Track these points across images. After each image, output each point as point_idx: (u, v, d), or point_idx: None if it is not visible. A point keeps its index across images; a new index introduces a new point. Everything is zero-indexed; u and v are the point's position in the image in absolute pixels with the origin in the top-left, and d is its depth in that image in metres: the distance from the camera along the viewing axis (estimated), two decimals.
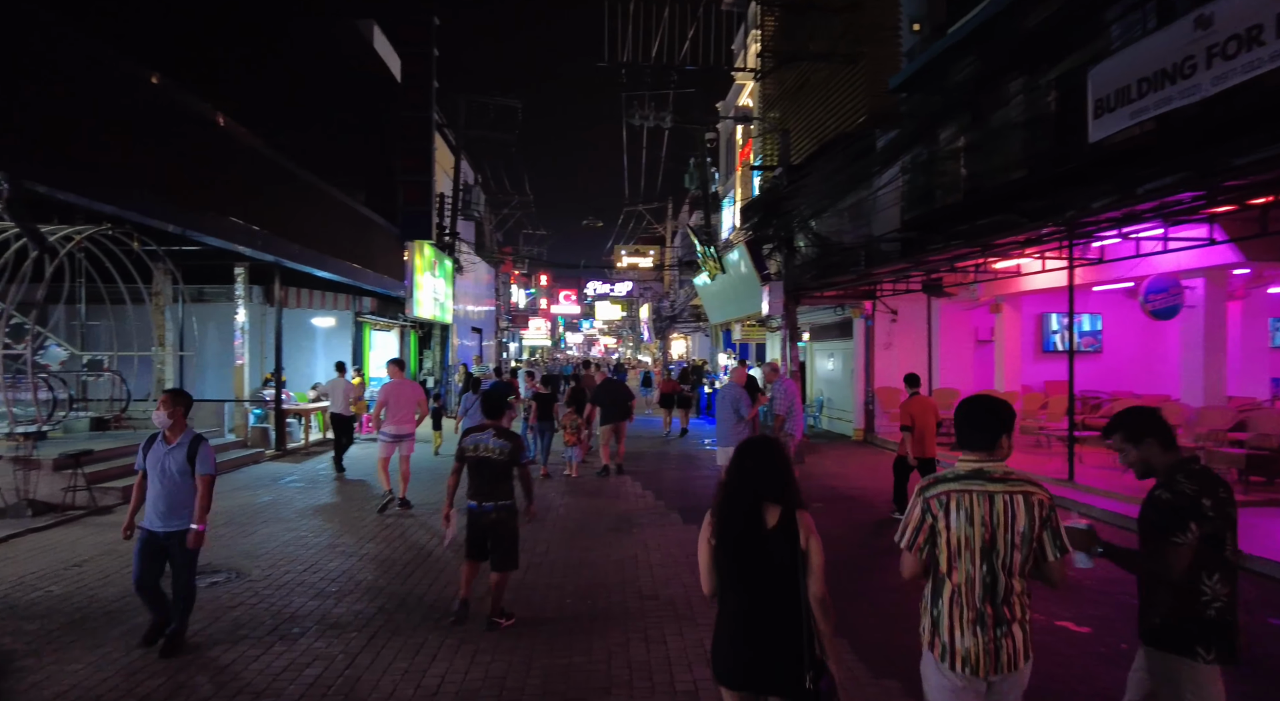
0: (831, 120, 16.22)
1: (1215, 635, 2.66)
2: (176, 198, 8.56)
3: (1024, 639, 2.54)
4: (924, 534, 2.59)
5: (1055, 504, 2.58)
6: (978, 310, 15.06)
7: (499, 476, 5.00)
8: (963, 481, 2.56)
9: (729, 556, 2.68)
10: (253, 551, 6.94)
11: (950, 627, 2.56)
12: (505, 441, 5.02)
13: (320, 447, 14.15)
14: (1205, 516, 2.62)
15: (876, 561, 6.69)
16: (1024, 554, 2.51)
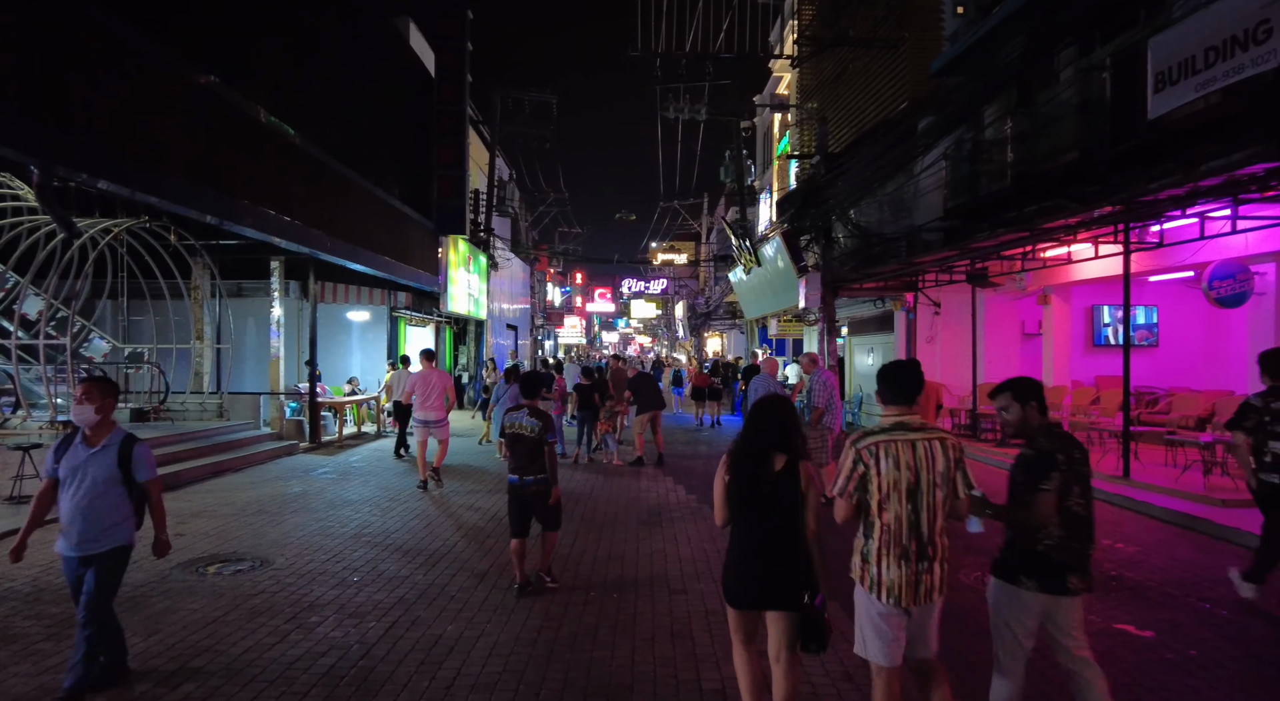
0: (871, 108, 15.76)
1: (1040, 568, 3.08)
2: (213, 188, 8.57)
3: (941, 575, 2.95)
4: (855, 481, 2.96)
5: (964, 451, 3.02)
6: (1025, 302, 14.49)
7: (534, 452, 5.44)
8: (888, 433, 2.95)
9: (741, 494, 3.12)
10: (280, 540, 6.88)
11: (879, 562, 2.93)
12: (537, 420, 5.47)
13: (354, 441, 14.20)
14: (1061, 468, 3.05)
15: None
16: (944, 491, 2.92)
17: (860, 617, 3.05)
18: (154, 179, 7.66)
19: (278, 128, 10.21)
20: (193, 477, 9.77)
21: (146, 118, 7.62)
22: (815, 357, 9.56)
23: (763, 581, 3.08)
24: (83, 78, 6.78)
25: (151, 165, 7.64)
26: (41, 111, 6.38)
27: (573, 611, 5.09)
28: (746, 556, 3.11)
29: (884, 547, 2.93)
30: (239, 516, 7.81)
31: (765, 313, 19.28)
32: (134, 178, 7.39)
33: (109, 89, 7.10)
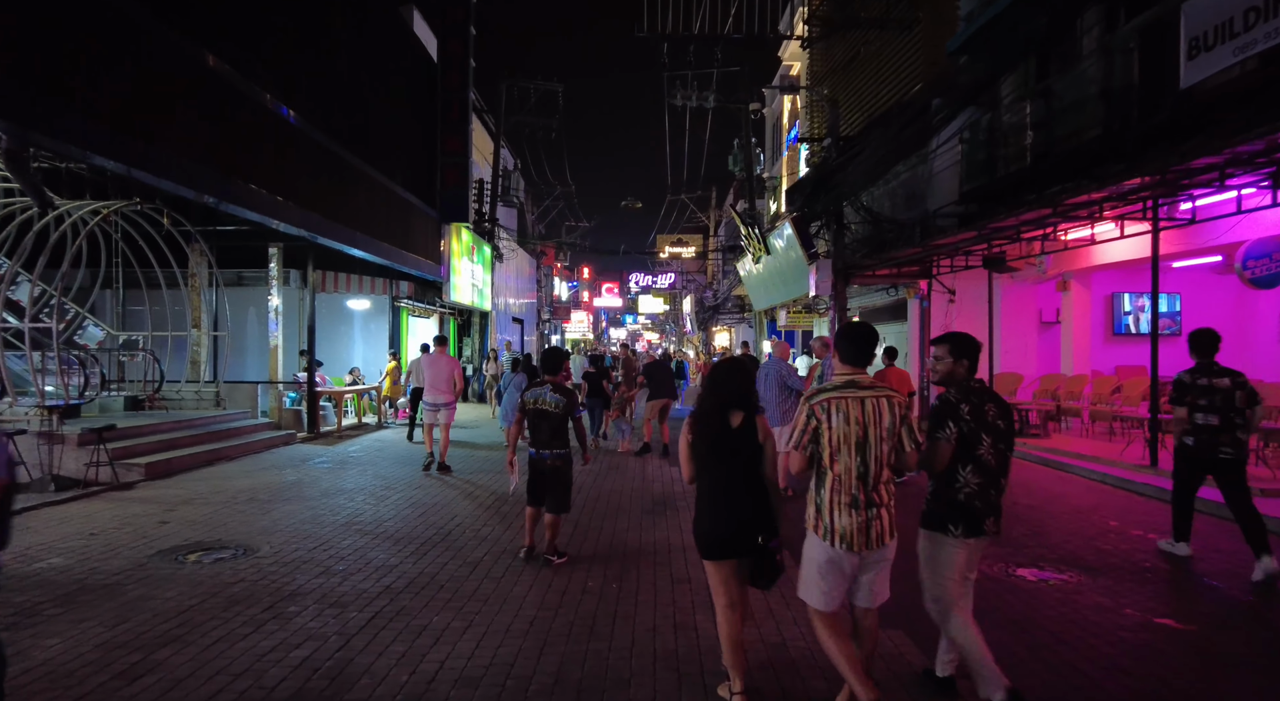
0: (884, 91, 15.35)
1: (962, 515, 3.29)
2: (211, 168, 8.27)
3: (889, 521, 3.10)
4: (809, 435, 3.11)
5: (910, 408, 3.17)
6: (1042, 289, 14.06)
7: (556, 428, 5.52)
8: (840, 390, 3.11)
9: (706, 448, 3.32)
10: (268, 529, 6.59)
11: (830, 510, 3.08)
12: (561, 396, 5.54)
13: (354, 432, 13.93)
14: (962, 419, 3.26)
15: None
16: (890, 445, 3.08)
17: (807, 564, 3.20)
18: (151, 156, 7.36)
19: (277, 110, 9.91)
20: (186, 466, 9.51)
21: (145, 95, 7.33)
22: (829, 341, 9.16)
23: (731, 528, 3.26)
24: (85, 52, 6.52)
25: (149, 142, 7.35)
26: (39, 84, 6.11)
27: (570, 600, 4.77)
28: (717, 506, 3.30)
29: (835, 496, 3.08)
30: (229, 505, 7.53)
31: (775, 303, 18.90)
32: (130, 153, 7.09)
33: (110, 65, 6.84)
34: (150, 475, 8.71)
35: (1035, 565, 5.61)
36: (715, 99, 21.32)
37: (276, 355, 13.36)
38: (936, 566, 3.35)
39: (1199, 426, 5.42)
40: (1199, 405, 5.40)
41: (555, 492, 5.57)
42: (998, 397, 3.42)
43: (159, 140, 7.54)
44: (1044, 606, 4.74)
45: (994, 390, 3.49)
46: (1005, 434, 3.34)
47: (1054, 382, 12.49)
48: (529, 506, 5.71)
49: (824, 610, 3.14)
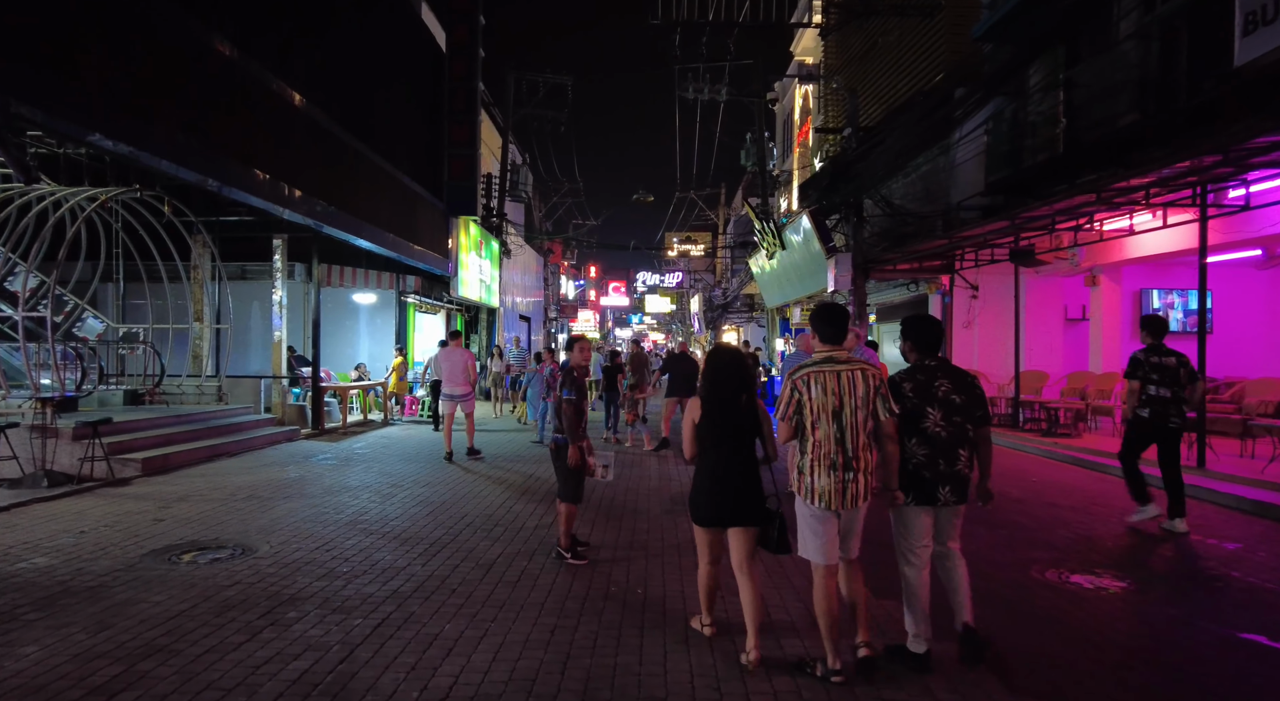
0: (904, 82, 14.94)
1: (913, 483, 3.52)
2: (213, 151, 7.92)
3: (865, 485, 3.37)
4: (793, 406, 3.42)
5: (884, 380, 3.44)
6: (1068, 284, 13.64)
7: (557, 408, 5.45)
8: (818, 365, 3.43)
9: (712, 427, 3.62)
10: (268, 527, 6.23)
11: (812, 472, 3.39)
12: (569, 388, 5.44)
13: (359, 428, 13.58)
14: (906, 396, 3.53)
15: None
16: (865, 413, 3.36)
17: (800, 524, 3.49)
18: (150, 136, 7.02)
19: (283, 93, 9.57)
20: (185, 461, 9.16)
21: (146, 72, 6.99)
22: (858, 332, 8.77)
23: (731, 502, 3.58)
24: (84, 25, 6.18)
25: (148, 121, 7.01)
26: (32, 53, 5.77)
27: (592, 608, 4.38)
28: (717, 481, 3.61)
29: (816, 461, 3.39)
30: (228, 502, 7.18)
31: (789, 299, 18.49)
32: (129, 132, 6.75)
33: (110, 39, 6.50)
34: (147, 471, 8.36)
35: (1089, 571, 5.21)
36: (728, 92, 20.95)
37: (280, 350, 13.01)
38: (899, 528, 3.65)
39: (1153, 398, 6.17)
40: (1151, 379, 6.19)
41: (559, 474, 5.49)
42: (958, 374, 3.62)
43: (159, 120, 7.20)
44: (1112, 619, 4.34)
45: (957, 368, 3.69)
46: (962, 408, 3.53)
47: (1082, 380, 12.06)
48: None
49: (823, 563, 3.43)
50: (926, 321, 3.76)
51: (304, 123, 10.19)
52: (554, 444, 5.52)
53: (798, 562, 4.60)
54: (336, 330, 16.46)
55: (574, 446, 5.32)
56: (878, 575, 4.22)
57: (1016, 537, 6.19)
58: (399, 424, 14.62)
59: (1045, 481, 8.49)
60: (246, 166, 8.45)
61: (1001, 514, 7.02)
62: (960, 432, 3.52)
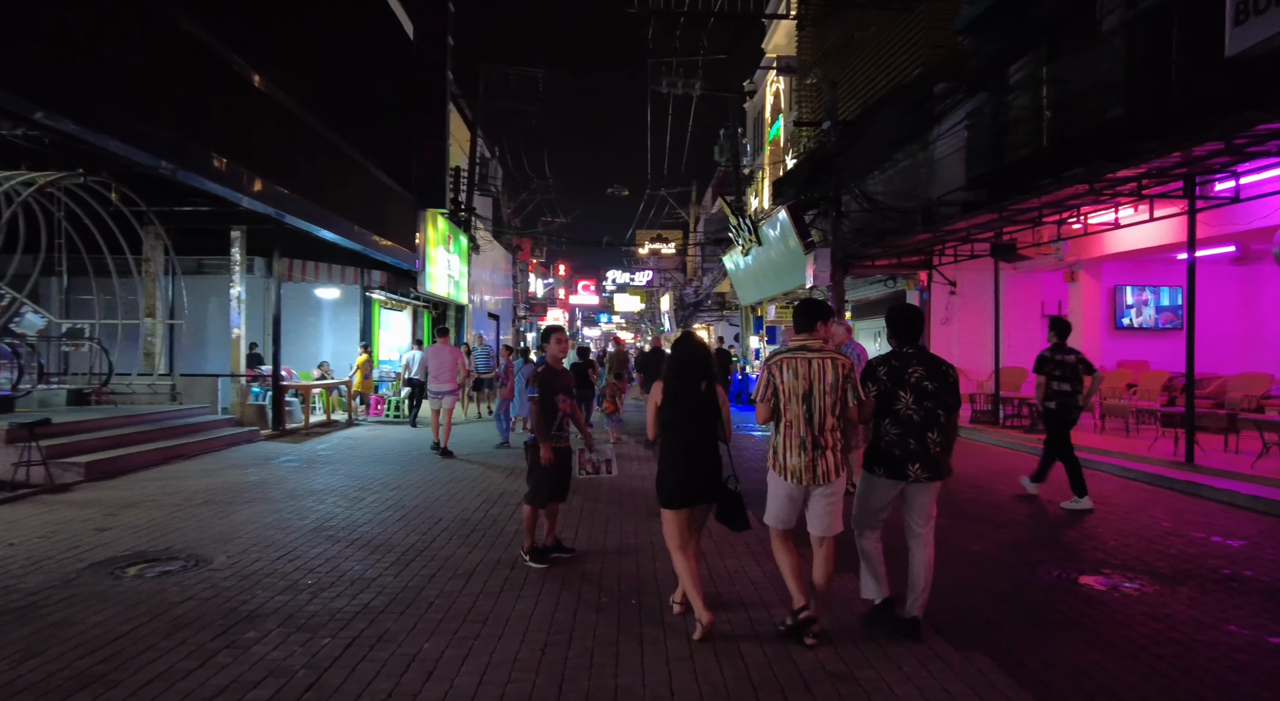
0: (881, 76, 14.81)
1: (883, 459, 3.77)
2: (167, 129, 7.34)
3: (834, 461, 3.65)
4: (769, 389, 3.71)
5: (854, 369, 3.71)
6: (1046, 281, 13.63)
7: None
8: (792, 352, 3.75)
9: (674, 410, 3.86)
10: (226, 535, 5.75)
11: (784, 451, 3.69)
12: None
13: (323, 429, 13.01)
14: (880, 380, 3.78)
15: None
16: (833, 399, 3.64)
17: (770, 496, 3.81)
18: (95, 108, 6.44)
19: (244, 74, 9.00)
20: (136, 464, 8.57)
21: (94, 44, 6.40)
22: (849, 326, 8.54)
23: (695, 481, 3.83)
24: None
25: (97, 98, 6.43)
26: None
27: (584, 621, 4.03)
28: (679, 461, 3.84)
29: (787, 440, 3.68)
30: (182, 507, 6.66)
31: (766, 296, 18.29)
32: (74, 109, 6.16)
33: (55, 8, 5.94)
34: (91, 475, 7.77)
35: (1098, 572, 5.00)
36: (702, 87, 20.68)
37: (239, 347, 12.41)
38: (864, 498, 3.92)
39: (1056, 392, 6.85)
40: (1055, 375, 6.87)
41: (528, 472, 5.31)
42: (932, 362, 3.85)
43: (108, 96, 6.62)
44: (1133, 623, 4.11)
45: (933, 356, 3.90)
46: (934, 394, 3.76)
47: None
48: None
49: (779, 528, 3.81)
50: (906, 310, 4.02)
51: (266, 105, 9.63)
52: (527, 442, 5.22)
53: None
54: (298, 327, 15.80)
55: (544, 446, 5.07)
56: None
57: (1019, 537, 5.98)
58: (364, 424, 14.07)
59: (1013, 472, 8.34)
60: (204, 149, 7.89)
61: (1002, 513, 6.82)
62: (931, 416, 3.76)
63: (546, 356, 5.38)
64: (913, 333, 3.90)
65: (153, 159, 7.14)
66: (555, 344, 5.36)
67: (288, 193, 9.80)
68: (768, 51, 27.63)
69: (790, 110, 26.14)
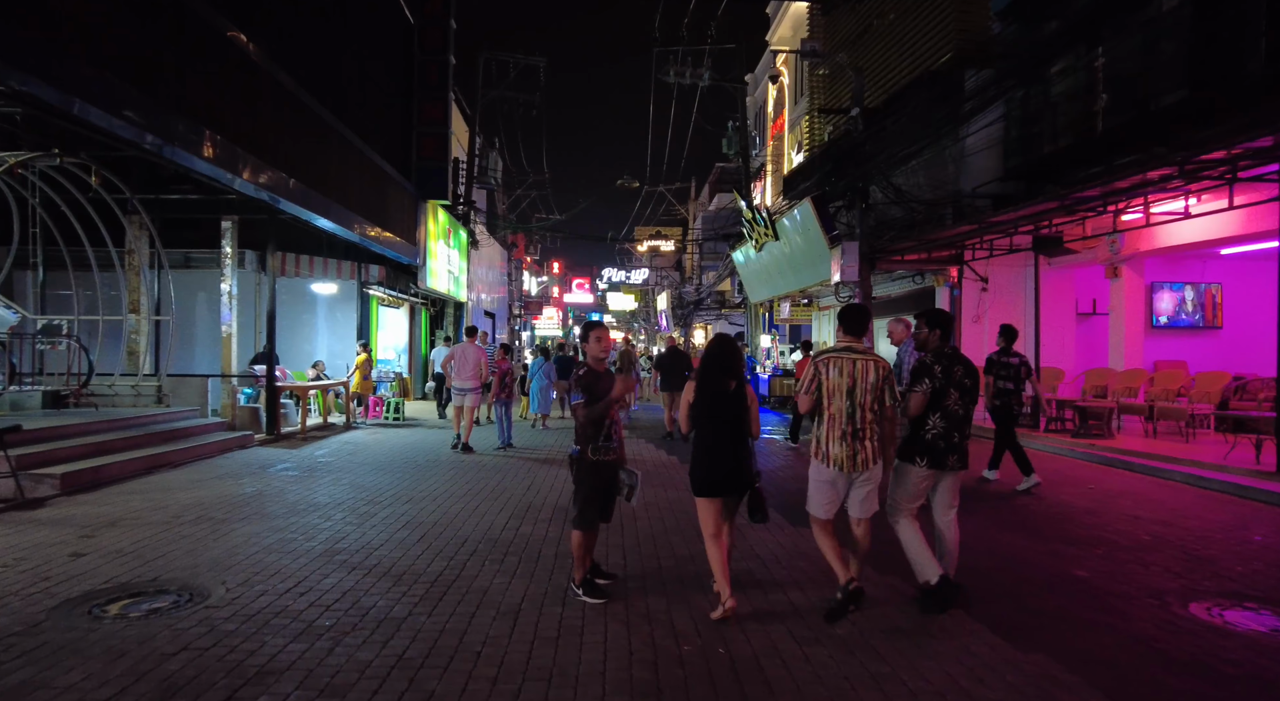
0: (905, 63, 14.17)
1: (928, 451, 4.16)
2: (150, 98, 6.56)
3: (872, 450, 4.00)
4: (814, 383, 4.06)
5: (891, 371, 4.06)
6: (1080, 277, 13.04)
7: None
8: (839, 352, 4.09)
9: (705, 408, 4.11)
10: (223, 560, 5.00)
11: (827, 441, 4.04)
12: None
13: (320, 432, 12.22)
14: (934, 377, 4.18)
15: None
16: (873, 396, 3.99)
17: (812, 484, 4.14)
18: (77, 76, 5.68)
19: (240, 45, 8.24)
20: (118, 475, 7.77)
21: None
22: (908, 323, 7.72)
23: (726, 472, 4.04)
24: None
25: (76, 61, 5.66)
26: None
27: (670, 677, 3.31)
28: (710, 454, 4.05)
29: (830, 431, 4.00)
30: (171, 526, 5.90)
31: (780, 293, 17.63)
32: (50, 72, 5.40)
33: None
34: (68, 487, 6.98)
35: (1237, 603, 4.34)
36: (710, 77, 19.99)
37: (230, 345, 11.58)
38: (900, 487, 4.22)
39: (1003, 390, 7.58)
40: (1001, 375, 7.60)
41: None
42: (967, 361, 4.26)
43: (88, 59, 5.84)
44: None
45: (964, 355, 4.30)
46: (970, 390, 4.20)
47: (1102, 377, 11.42)
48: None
49: (822, 518, 4.08)
50: (948, 314, 4.60)
51: (263, 81, 8.86)
52: (572, 455, 4.52)
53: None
54: (293, 324, 15.01)
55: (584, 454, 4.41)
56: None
57: (1122, 559, 5.32)
58: (363, 427, 13.28)
59: (1108, 490, 7.71)
60: (194, 123, 7.11)
61: (1081, 529, 6.17)
62: (967, 412, 4.21)
63: (587, 357, 4.66)
64: (952, 333, 4.45)
65: (137, 132, 6.36)
66: (595, 342, 4.61)
67: (284, 176, 9.02)
68: (773, 44, 27.02)
69: (794, 104, 25.53)
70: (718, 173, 38.43)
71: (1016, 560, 5.26)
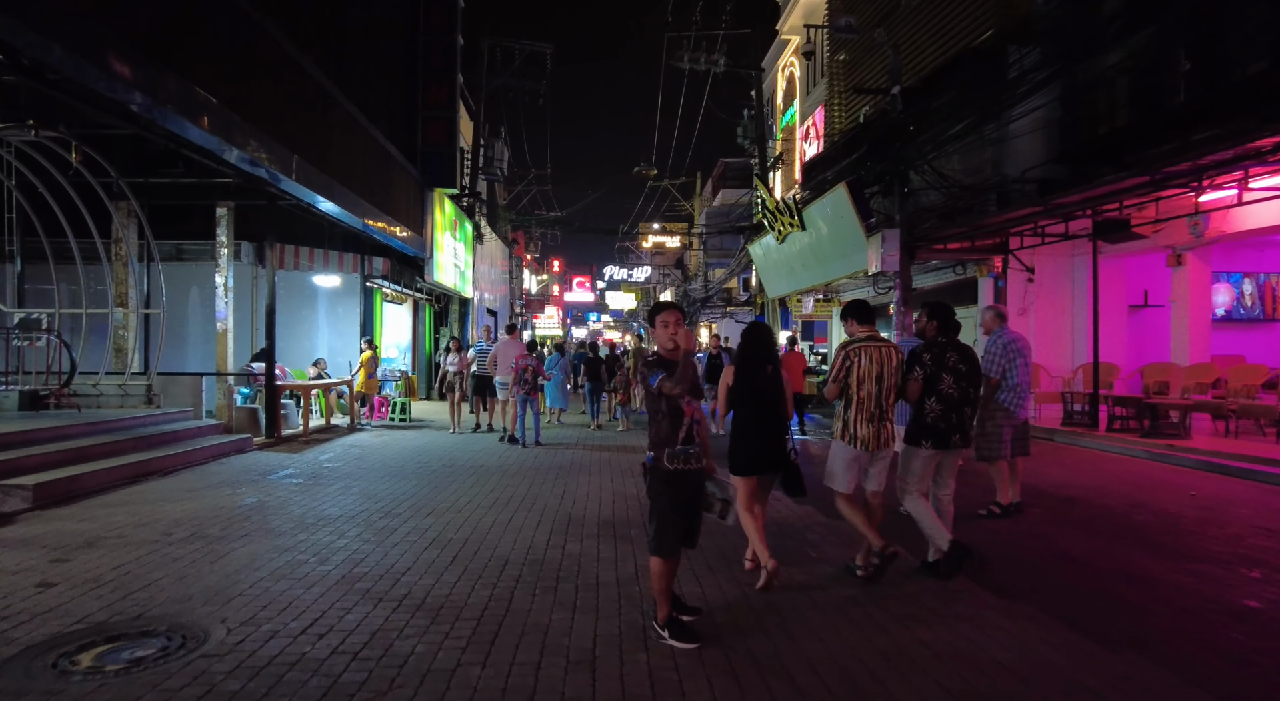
0: (936, 44, 13.46)
1: (929, 433, 4.53)
2: (134, 48, 5.70)
3: (891, 430, 4.37)
4: (844, 371, 4.35)
5: (904, 357, 4.48)
6: (1132, 266, 12.29)
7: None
8: (863, 341, 4.38)
9: (744, 390, 4.39)
10: (221, 589, 4.18)
11: (855, 423, 4.34)
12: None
13: (323, 435, 11.36)
14: (925, 364, 4.52)
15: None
16: (895, 380, 4.35)
17: (835, 462, 4.47)
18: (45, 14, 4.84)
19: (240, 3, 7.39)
20: (99, 485, 6.91)
21: None
22: (1002, 311, 6.81)
23: (763, 452, 4.35)
24: None
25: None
26: None
27: None
28: (756, 435, 4.35)
29: (859, 414, 4.32)
30: (159, 546, 5.06)
31: (805, 287, 16.83)
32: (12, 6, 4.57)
33: None
34: (41, 500, 6.12)
35: None
36: (726, 63, 19.21)
37: (226, 342, 10.71)
38: (908, 468, 4.63)
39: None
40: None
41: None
42: (963, 349, 4.63)
43: None
44: None
45: (962, 344, 4.65)
46: (967, 375, 4.59)
47: (1163, 372, 10.66)
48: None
49: (846, 492, 4.43)
50: (947, 306, 4.72)
51: (262, 41, 8.00)
52: (647, 464, 3.69)
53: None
54: (293, 320, 14.15)
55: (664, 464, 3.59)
56: None
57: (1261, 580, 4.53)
58: (368, 429, 12.43)
59: (1214, 497, 6.92)
60: (186, 85, 6.25)
61: (1211, 543, 5.37)
62: (964, 394, 4.53)
63: (656, 346, 3.75)
64: (953, 325, 4.65)
65: (125, 89, 5.50)
66: (662, 329, 3.63)
67: (285, 151, 8.18)
68: (783, 33, 26.24)
69: (805, 95, 24.78)
70: (722, 167, 37.61)
71: (1159, 584, 4.47)
